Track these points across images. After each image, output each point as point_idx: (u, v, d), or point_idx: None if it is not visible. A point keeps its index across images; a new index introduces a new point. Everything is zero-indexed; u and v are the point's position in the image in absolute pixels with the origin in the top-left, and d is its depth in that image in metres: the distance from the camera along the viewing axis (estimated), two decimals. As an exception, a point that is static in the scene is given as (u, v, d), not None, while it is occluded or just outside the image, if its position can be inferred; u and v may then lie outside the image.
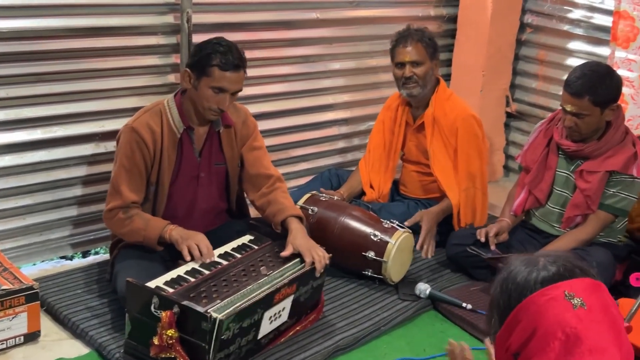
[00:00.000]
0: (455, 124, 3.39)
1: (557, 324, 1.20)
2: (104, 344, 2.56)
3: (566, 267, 1.27)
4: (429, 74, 3.36)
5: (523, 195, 3.26)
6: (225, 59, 2.65)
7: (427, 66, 3.35)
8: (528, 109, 4.51)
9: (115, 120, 3.19)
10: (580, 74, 2.93)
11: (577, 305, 1.22)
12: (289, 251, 2.67)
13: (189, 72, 2.70)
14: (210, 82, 2.66)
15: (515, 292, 1.27)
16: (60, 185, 3.12)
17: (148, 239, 2.69)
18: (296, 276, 2.59)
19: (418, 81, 3.35)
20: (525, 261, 1.31)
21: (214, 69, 2.65)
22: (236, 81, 2.70)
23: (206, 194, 2.92)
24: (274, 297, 2.49)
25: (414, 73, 3.34)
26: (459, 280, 3.22)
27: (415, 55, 3.33)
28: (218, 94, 2.68)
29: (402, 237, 3.05)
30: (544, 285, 1.24)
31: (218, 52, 2.65)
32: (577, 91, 2.90)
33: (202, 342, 2.28)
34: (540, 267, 1.28)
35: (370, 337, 2.77)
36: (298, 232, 2.72)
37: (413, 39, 3.33)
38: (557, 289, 1.23)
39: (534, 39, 4.39)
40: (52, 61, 2.99)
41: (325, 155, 4.15)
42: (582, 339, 1.20)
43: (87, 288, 2.93)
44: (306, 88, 3.95)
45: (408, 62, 3.34)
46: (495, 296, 1.31)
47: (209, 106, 2.70)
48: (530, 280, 1.26)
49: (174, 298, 2.33)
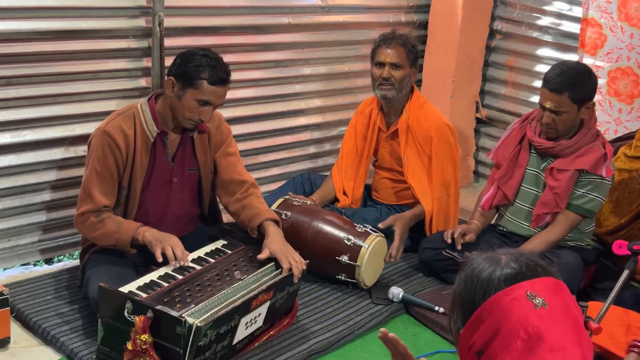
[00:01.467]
0: (429, 133, 3.45)
1: (519, 323, 1.25)
2: (75, 350, 2.56)
3: (528, 266, 1.30)
4: (406, 79, 3.42)
5: (492, 191, 3.34)
6: (214, 72, 2.68)
7: (406, 71, 3.41)
8: (498, 114, 4.61)
9: (85, 124, 3.19)
10: (560, 71, 3.02)
11: (539, 305, 1.26)
12: (265, 254, 2.70)
13: (174, 81, 2.72)
14: (196, 94, 2.69)
15: (479, 290, 1.29)
16: (29, 190, 3.11)
17: (121, 242, 2.70)
18: (274, 282, 2.61)
19: (394, 84, 3.40)
20: (488, 258, 1.34)
21: (203, 82, 2.68)
22: (222, 95, 2.75)
23: (179, 200, 2.94)
24: (251, 303, 2.51)
25: (392, 75, 3.39)
26: (431, 284, 3.28)
27: (396, 58, 3.39)
28: (202, 106, 2.71)
29: (375, 242, 3.10)
30: (507, 284, 1.28)
31: (208, 65, 2.68)
32: (557, 87, 2.99)
33: (176, 347, 2.30)
34: (503, 264, 1.31)
35: (344, 341, 2.81)
36: (275, 236, 2.75)
37: (397, 42, 3.40)
38: (520, 289, 1.27)
39: (504, 46, 4.50)
40: (21, 64, 2.98)
41: (297, 161, 4.20)
42: (543, 338, 1.24)
43: (57, 294, 2.92)
44: (278, 93, 4.00)
45: (388, 63, 3.39)
46: (459, 293, 1.34)
47: (190, 116, 2.73)
48: (494, 279, 1.29)
49: (148, 303, 2.34)
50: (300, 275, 2.71)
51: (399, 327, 2.98)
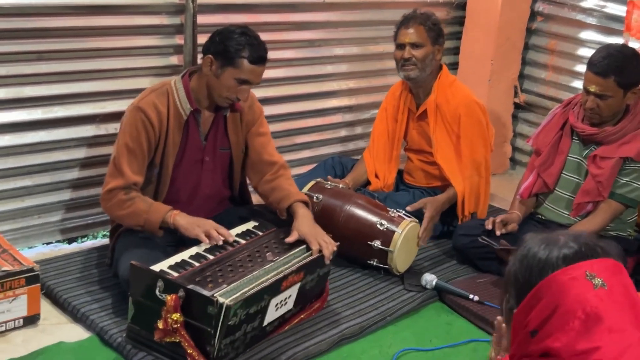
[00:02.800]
0: (457, 111, 3.46)
1: (578, 303, 1.26)
2: (105, 328, 2.62)
3: (588, 246, 1.32)
4: (428, 57, 3.42)
5: (531, 178, 3.33)
6: (254, 51, 2.72)
7: (427, 49, 3.41)
8: (537, 99, 4.57)
9: (116, 101, 3.24)
10: (606, 54, 3.00)
11: (598, 285, 1.27)
12: (294, 237, 2.73)
13: (212, 59, 2.75)
14: (236, 73, 2.72)
15: (536, 269, 1.31)
16: (60, 167, 3.17)
17: (149, 223, 2.73)
18: (304, 264, 2.65)
19: (416, 63, 3.41)
20: (545, 239, 1.35)
21: (243, 60, 2.71)
22: (261, 74, 2.79)
23: (210, 179, 2.97)
24: (281, 284, 2.55)
25: (413, 55, 3.40)
26: (465, 272, 3.29)
27: (416, 37, 3.40)
28: (241, 85, 2.74)
29: (408, 227, 3.11)
30: (566, 263, 1.29)
31: (248, 44, 2.71)
32: (602, 71, 2.97)
33: (207, 327, 2.34)
34: (561, 244, 1.32)
35: (376, 327, 2.83)
36: (304, 218, 2.78)
37: (416, 22, 3.41)
38: (579, 269, 1.28)
39: (545, 28, 4.45)
40: (53, 39, 3.03)
41: (327, 143, 4.21)
42: (602, 318, 1.25)
43: (86, 272, 2.98)
44: (310, 73, 4.01)
45: (408, 44, 3.40)
46: (514, 272, 1.35)
47: (227, 95, 2.76)
48: (552, 258, 1.31)
49: (180, 282, 2.39)
50: (330, 257, 2.73)
51: (432, 314, 2.99)
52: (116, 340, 2.56)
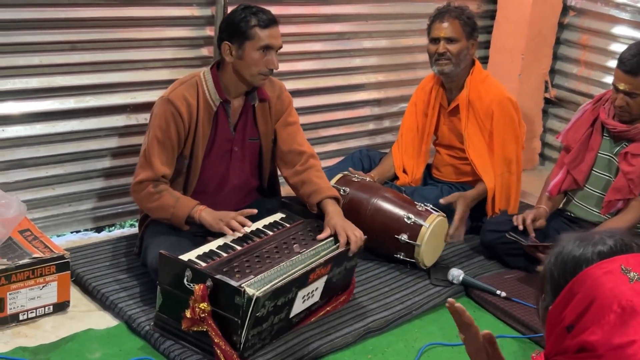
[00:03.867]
0: (490, 107, 3.43)
1: (613, 296, 1.26)
2: (133, 316, 2.65)
3: (623, 242, 1.32)
4: (463, 52, 3.40)
5: (561, 175, 3.29)
6: (261, 17, 2.76)
7: (462, 44, 3.39)
8: (568, 95, 4.53)
9: (147, 92, 3.27)
10: (636, 51, 2.96)
11: (634, 279, 1.27)
12: (326, 233, 2.73)
13: (229, 45, 2.77)
14: (256, 43, 2.74)
15: (571, 264, 1.32)
16: (91, 156, 3.21)
17: (176, 217, 2.75)
18: (331, 256, 2.65)
19: (451, 58, 3.38)
20: (580, 237, 1.36)
21: (255, 29, 2.74)
22: (277, 36, 2.80)
23: (238, 170, 2.99)
24: (309, 276, 2.55)
25: (448, 50, 3.38)
26: (493, 268, 3.27)
27: (451, 31, 3.37)
28: (265, 53, 2.76)
29: (436, 221, 3.10)
30: (601, 258, 1.30)
31: (252, 13, 2.76)
32: (632, 69, 2.93)
33: (234, 317, 2.35)
34: (596, 241, 1.33)
35: (402, 320, 2.83)
36: (335, 215, 2.78)
37: (450, 16, 3.38)
38: (614, 263, 1.29)
39: (577, 23, 4.41)
40: (86, 29, 3.07)
41: (355, 137, 4.22)
42: (638, 312, 1.25)
43: (115, 261, 3.02)
44: (339, 66, 4.01)
45: (443, 38, 3.38)
46: (550, 269, 1.36)
47: (258, 70, 2.77)
48: (587, 253, 1.32)
49: (208, 271, 2.40)
50: (357, 250, 2.73)
51: (458, 309, 2.98)
52: (144, 329, 2.58)
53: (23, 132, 3.02)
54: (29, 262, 2.58)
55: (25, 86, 2.98)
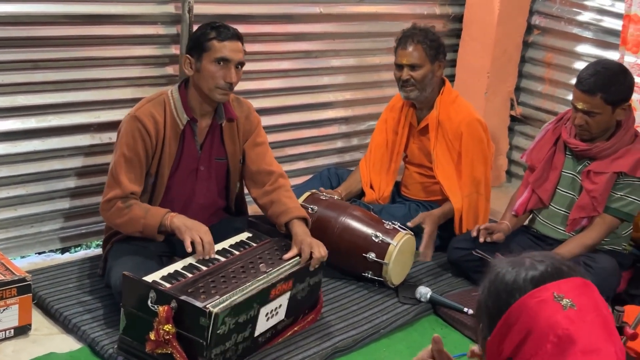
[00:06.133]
0: (459, 128, 3.45)
1: (548, 327, 1.25)
2: (97, 339, 2.61)
3: (554, 266, 1.30)
4: (427, 77, 3.41)
5: (526, 194, 3.33)
6: (221, 30, 2.78)
7: (426, 69, 3.40)
8: (533, 112, 4.60)
9: (111, 111, 3.25)
10: (593, 71, 3.01)
11: (567, 306, 1.26)
12: (292, 253, 2.73)
13: (189, 57, 2.78)
14: (211, 55, 2.75)
15: (504, 294, 1.29)
16: (54, 176, 3.17)
17: (148, 227, 2.73)
18: (293, 272, 2.65)
19: (416, 84, 3.41)
20: (511, 262, 1.34)
21: (213, 41, 2.76)
22: (237, 50, 2.79)
23: (205, 189, 2.98)
24: (269, 292, 2.54)
25: (411, 76, 3.40)
26: (460, 285, 3.29)
27: (414, 58, 3.39)
28: (222, 66, 2.75)
29: (404, 239, 3.12)
30: (534, 285, 1.28)
31: (212, 27, 2.78)
32: (589, 89, 2.98)
33: (199, 338, 2.34)
34: (527, 266, 1.31)
35: (370, 339, 2.83)
36: (302, 234, 2.79)
37: (413, 41, 3.39)
38: (546, 291, 1.27)
39: (541, 41, 4.48)
40: (48, 48, 3.04)
41: (323, 155, 4.23)
42: (574, 340, 1.24)
43: (78, 282, 2.98)
44: (306, 84, 4.03)
45: (406, 65, 3.40)
46: (484, 299, 1.34)
47: (215, 83, 2.76)
48: (519, 281, 1.29)
49: (172, 292, 2.39)
50: (317, 265, 2.73)
51: (426, 327, 2.99)
52: (107, 352, 2.55)
53: (-16, 152, 2.98)
54: (-12, 285, 2.54)
55: (-15, 106, 2.95)
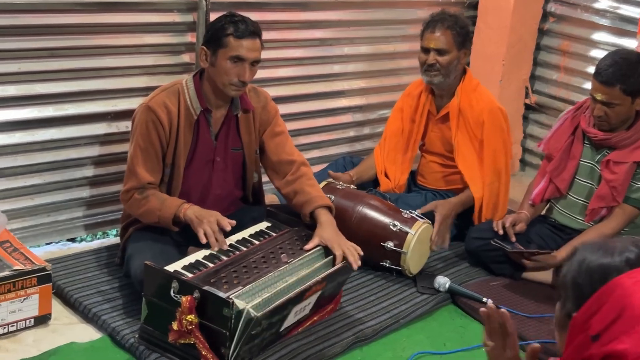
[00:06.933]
0: (481, 117, 3.44)
1: None
2: (117, 328, 2.62)
3: None
4: (453, 64, 3.40)
5: (543, 184, 3.32)
6: (239, 26, 2.72)
7: (453, 56, 3.38)
8: (548, 101, 4.58)
9: (128, 99, 3.24)
10: (611, 61, 2.99)
11: None
12: (314, 243, 2.72)
13: (205, 50, 2.76)
14: (227, 52, 2.72)
15: (598, 273, 1.34)
16: (71, 165, 3.16)
17: (163, 219, 2.73)
18: (329, 274, 2.61)
19: (440, 70, 3.39)
20: (602, 245, 1.39)
21: (229, 38, 2.71)
22: (253, 49, 2.75)
23: (221, 180, 2.97)
24: (304, 294, 2.52)
25: (437, 61, 3.37)
26: (478, 275, 3.29)
27: (442, 43, 3.36)
28: (237, 64, 2.73)
29: (422, 228, 3.12)
30: (630, 267, 1.33)
31: (231, 22, 2.73)
32: (607, 80, 2.97)
33: (222, 329, 2.33)
34: (620, 249, 1.36)
35: (389, 329, 2.84)
36: (327, 225, 2.78)
37: (443, 26, 3.36)
38: None
39: (557, 29, 4.46)
40: (65, 36, 3.03)
41: (337, 143, 4.21)
42: None
43: (97, 271, 2.98)
44: (320, 73, 4.01)
45: (433, 49, 3.37)
46: (572, 277, 1.38)
47: (229, 80, 2.74)
48: (615, 262, 1.34)
49: (195, 282, 2.39)
50: (359, 262, 2.71)
51: (445, 317, 3.00)
52: (129, 341, 2.56)
53: (1, 141, 2.97)
54: (9, 274, 2.54)
55: (3, 94, 2.93)
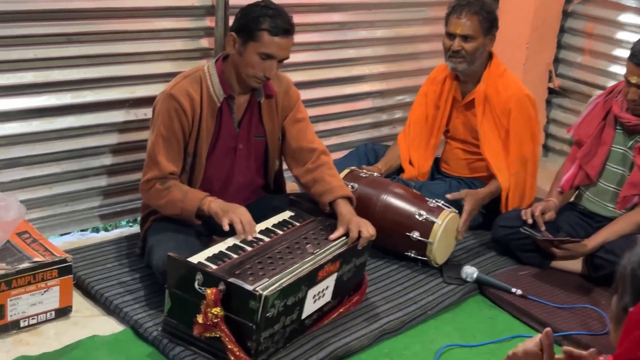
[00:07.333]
0: (508, 104, 3.35)
1: None
2: (139, 321, 2.57)
3: None
4: (479, 50, 3.31)
5: (573, 170, 3.25)
6: (275, 23, 2.63)
7: (479, 42, 3.29)
8: (572, 85, 4.49)
9: (146, 86, 3.18)
10: None
11: None
12: (339, 233, 2.66)
13: (235, 37, 2.68)
14: (258, 47, 2.64)
15: None
16: (89, 153, 3.11)
17: (186, 211, 2.68)
18: (340, 252, 2.59)
19: (465, 56, 3.30)
20: None
21: (263, 33, 2.63)
22: (285, 47, 2.68)
23: (244, 167, 2.91)
24: (317, 274, 2.49)
25: (463, 47, 3.29)
26: (506, 264, 3.22)
27: (468, 28, 3.27)
28: (265, 60, 2.66)
29: (448, 217, 3.05)
30: None
31: (267, 15, 2.63)
32: None
33: (249, 322, 2.28)
34: None
35: (417, 321, 2.78)
36: (348, 215, 2.71)
37: (469, 11, 3.26)
38: None
39: (582, 11, 4.36)
40: (82, 21, 2.96)
41: (357, 130, 4.15)
42: None
43: (117, 262, 2.93)
44: (340, 57, 3.93)
45: (458, 35, 3.28)
46: (632, 270, 1.32)
47: (254, 73, 2.68)
48: None
49: (220, 274, 2.33)
50: (365, 243, 2.67)
51: (474, 308, 2.93)
52: (152, 334, 2.51)
53: (18, 130, 2.91)
54: (29, 266, 2.49)
55: (19, 81, 2.87)
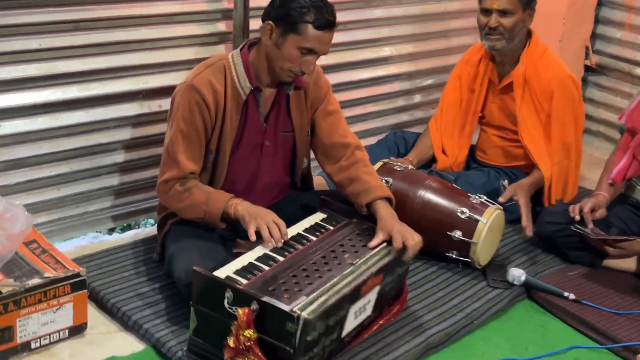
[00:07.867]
0: (550, 87, 3.12)
1: None
2: (162, 339, 2.35)
3: None
4: (518, 26, 3.07)
5: (625, 161, 3.01)
6: (321, 14, 2.37)
7: (518, 17, 3.06)
8: (610, 62, 4.26)
9: (160, 75, 2.95)
10: None
11: None
12: (378, 240, 2.43)
13: (272, 26, 2.41)
14: (300, 41, 2.39)
15: None
16: (99, 150, 2.89)
17: (210, 215, 2.46)
18: (383, 265, 2.35)
19: (504, 33, 3.07)
20: None
21: (307, 26, 2.37)
22: (328, 42, 2.44)
23: (270, 166, 2.68)
24: (360, 290, 2.26)
25: (501, 23, 3.05)
26: (553, 263, 3.00)
27: (506, 3, 3.03)
28: (305, 55, 2.41)
29: (494, 215, 2.81)
30: None
31: (313, 6, 2.37)
32: None
33: (286, 346, 2.06)
34: None
35: (463, 332, 2.55)
36: (389, 218, 2.47)
37: None
38: None
39: (623, -18, 4.10)
40: (89, 7, 2.73)
41: (383, 115, 3.91)
42: None
43: (134, 270, 2.71)
44: (365, 38, 3.70)
45: (496, 10, 3.05)
46: None
47: (290, 67, 2.43)
48: None
49: (253, 293, 2.10)
50: (413, 255, 2.44)
51: (522, 315, 2.71)
52: (176, 354, 2.29)
53: (22, 127, 2.68)
54: (40, 282, 2.26)
55: (22, 74, 2.63)
